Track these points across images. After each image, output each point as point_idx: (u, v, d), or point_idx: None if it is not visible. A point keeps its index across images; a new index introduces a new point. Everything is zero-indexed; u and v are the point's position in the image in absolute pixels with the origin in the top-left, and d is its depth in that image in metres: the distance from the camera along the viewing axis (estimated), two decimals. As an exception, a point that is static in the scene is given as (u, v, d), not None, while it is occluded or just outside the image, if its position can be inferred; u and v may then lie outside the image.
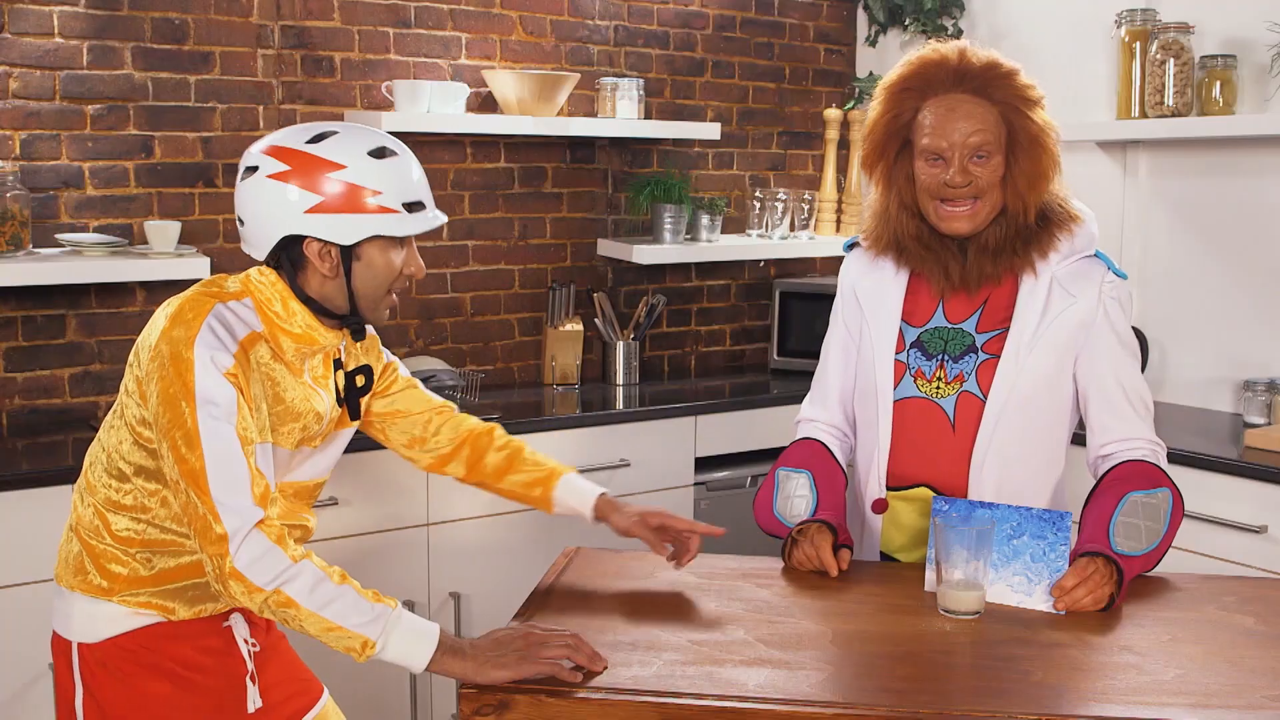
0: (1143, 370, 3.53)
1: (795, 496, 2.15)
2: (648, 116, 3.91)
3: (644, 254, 3.74)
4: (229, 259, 3.33)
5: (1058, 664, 1.66)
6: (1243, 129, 3.22)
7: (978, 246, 2.07)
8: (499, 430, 2.17)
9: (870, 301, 2.18)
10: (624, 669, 1.64)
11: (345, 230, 1.80)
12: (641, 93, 3.73)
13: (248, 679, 1.93)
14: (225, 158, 3.33)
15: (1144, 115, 3.39)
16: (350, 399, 1.99)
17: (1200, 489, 2.88)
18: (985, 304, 2.11)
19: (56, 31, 3.09)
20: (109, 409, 3.20)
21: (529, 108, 3.53)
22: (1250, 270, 3.40)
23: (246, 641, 1.94)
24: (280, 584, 1.66)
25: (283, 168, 1.79)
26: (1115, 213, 3.67)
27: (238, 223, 1.88)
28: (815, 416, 2.29)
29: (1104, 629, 1.79)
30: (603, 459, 3.41)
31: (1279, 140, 3.28)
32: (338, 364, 1.99)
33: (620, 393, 3.75)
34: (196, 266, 3.04)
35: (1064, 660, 1.67)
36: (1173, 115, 3.33)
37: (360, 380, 2.00)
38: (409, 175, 1.86)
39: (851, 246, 2.27)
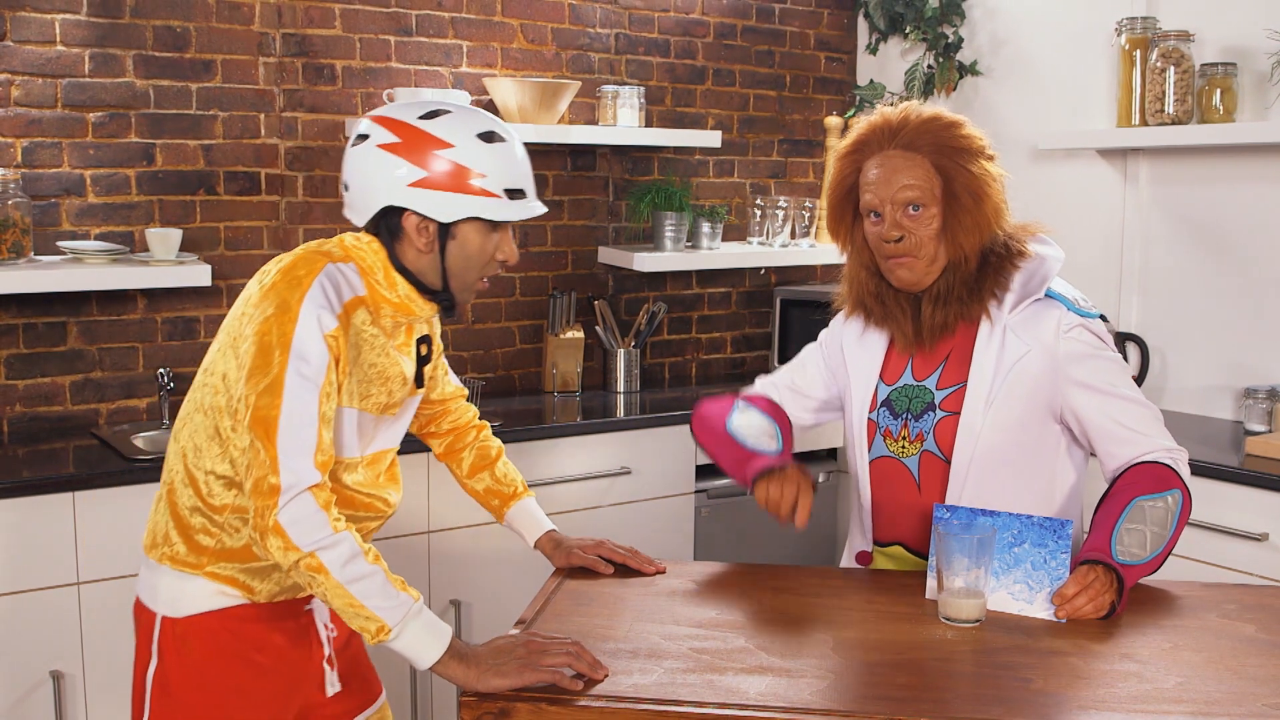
0: (1144, 376, 3.55)
1: (761, 432, 2.15)
2: (648, 124, 3.91)
3: (645, 261, 3.74)
4: (230, 266, 3.33)
5: (1058, 672, 1.66)
6: (1243, 137, 3.22)
7: (929, 299, 2.07)
8: (487, 430, 2.27)
9: (854, 360, 2.19)
10: (625, 677, 1.64)
11: (445, 208, 1.83)
12: (642, 100, 3.74)
13: (325, 663, 1.96)
14: (226, 165, 3.34)
15: (1144, 123, 3.40)
16: (416, 367, 2.02)
17: (1201, 497, 2.87)
18: (947, 359, 2.09)
19: (58, 39, 3.09)
20: (110, 416, 3.23)
21: (530, 115, 3.53)
22: (1251, 278, 3.40)
23: (326, 626, 1.97)
24: (317, 549, 1.68)
25: (393, 139, 1.83)
26: (1115, 220, 3.68)
27: (342, 187, 1.91)
28: (763, 390, 2.32)
29: (1105, 637, 1.79)
30: (603, 466, 3.41)
31: (1279, 148, 3.29)
32: None
33: (621, 400, 3.75)
34: (197, 274, 3.05)
35: (1065, 668, 1.67)
36: (1173, 123, 3.33)
37: (423, 349, 2.03)
38: (514, 162, 1.88)
39: None
